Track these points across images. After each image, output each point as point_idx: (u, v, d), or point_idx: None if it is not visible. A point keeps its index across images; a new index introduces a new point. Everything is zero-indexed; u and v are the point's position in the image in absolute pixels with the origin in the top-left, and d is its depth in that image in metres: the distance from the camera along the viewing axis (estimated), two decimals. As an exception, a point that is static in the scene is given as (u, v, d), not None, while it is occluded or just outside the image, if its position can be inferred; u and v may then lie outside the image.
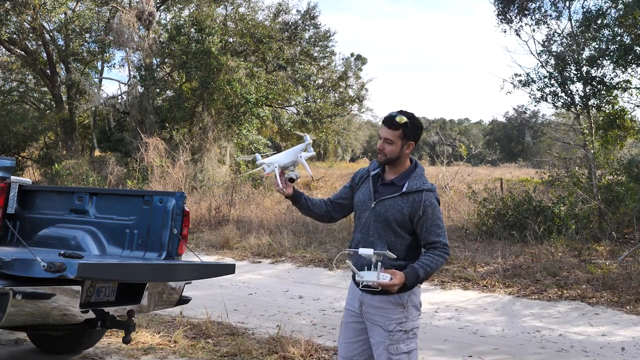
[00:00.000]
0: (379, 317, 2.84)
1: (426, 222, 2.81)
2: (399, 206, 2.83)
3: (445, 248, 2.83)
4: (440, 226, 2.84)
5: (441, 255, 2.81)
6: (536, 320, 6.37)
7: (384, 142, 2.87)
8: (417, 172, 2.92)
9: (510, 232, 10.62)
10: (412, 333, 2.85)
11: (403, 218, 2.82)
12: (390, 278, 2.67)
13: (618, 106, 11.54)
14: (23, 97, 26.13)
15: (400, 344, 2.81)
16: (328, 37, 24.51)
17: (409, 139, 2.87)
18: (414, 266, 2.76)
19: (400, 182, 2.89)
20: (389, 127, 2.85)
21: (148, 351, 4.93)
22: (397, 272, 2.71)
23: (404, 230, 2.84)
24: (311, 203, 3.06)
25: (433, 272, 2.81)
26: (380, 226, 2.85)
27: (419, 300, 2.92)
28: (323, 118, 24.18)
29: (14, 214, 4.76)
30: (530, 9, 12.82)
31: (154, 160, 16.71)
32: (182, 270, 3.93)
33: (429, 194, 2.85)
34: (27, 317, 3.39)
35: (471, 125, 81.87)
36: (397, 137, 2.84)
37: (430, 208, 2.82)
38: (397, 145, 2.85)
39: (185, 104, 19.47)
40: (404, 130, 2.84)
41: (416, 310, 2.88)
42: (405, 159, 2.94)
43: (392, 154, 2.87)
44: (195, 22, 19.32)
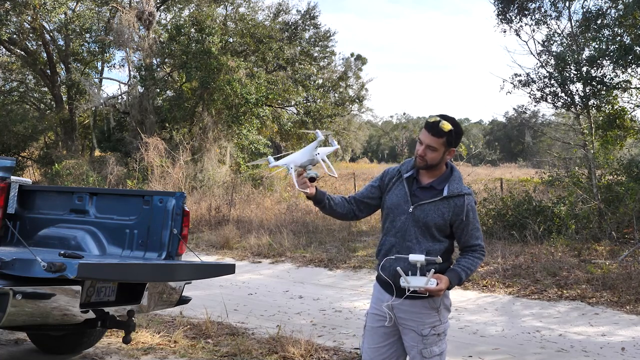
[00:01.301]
0: (412, 321, 2.82)
1: (467, 226, 2.81)
2: (440, 211, 2.79)
3: (483, 250, 2.86)
4: (479, 229, 2.87)
5: (479, 257, 2.85)
6: (536, 320, 6.37)
7: (426, 149, 2.78)
8: (454, 175, 2.88)
9: (510, 232, 10.63)
10: (444, 334, 2.86)
11: (444, 223, 2.80)
12: (437, 283, 2.66)
13: (618, 106, 11.54)
14: (23, 97, 26.13)
15: (434, 347, 2.81)
16: (328, 37, 24.54)
17: (452, 146, 2.81)
18: (456, 269, 2.78)
19: (439, 185, 2.84)
20: (433, 134, 2.75)
21: (148, 351, 4.93)
22: (443, 276, 2.71)
23: (442, 234, 2.83)
24: (333, 202, 2.97)
25: (472, 273, 2.85)
26: (419, 231, 2.81)
27: (450, 301, 2.93)
28: (323, 118, 24.18)
29: (14, 214, 4.76)
30: (530, 9, 12.81)
31: (154, 160, 16.71)
32: (182, 270, 3.93)
33: (469, 197, 2.83)
34: (27, 317, 3.39)
35: (471, 125, 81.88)
36: (441, 144, 2.76)
37: (472, 212, 2.82)
38: (440, 152, 2.78)
39: (185, 104, 19.47)
40: (448, 138, 2.76)
41: (447, 312, 2.89)
42: (443, 165, 2.88)
43: (433, 161, 2.80)
44: (195, 22, 19.33)
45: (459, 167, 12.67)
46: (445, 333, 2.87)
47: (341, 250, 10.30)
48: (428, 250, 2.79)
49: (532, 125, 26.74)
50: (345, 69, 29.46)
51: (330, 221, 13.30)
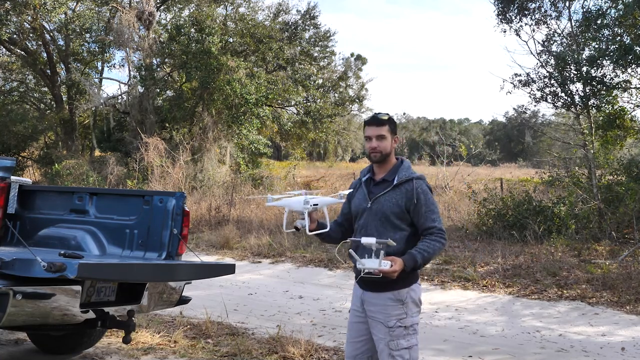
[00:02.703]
0: (380, 314, 2.91)
1: (421, 209, 2.90)
2: (394, 199, 2.93)
3: (441, 233, 2.89)
4: (435, 211, 2.93)
5: (438, 240, 2.87)
6: (536, 320, 6.37)
7: (376, 140, 2.98)
8: (404, 165, 3.05)
9: (510, 232, 10.63)
10: (412, 329, 2.91)
11: (400, 210, 2.92)
12: (390, 265, 2.73)
13: (618, 106, 11.54)
14: (23, 97, 26.14)
15: (401, 340, 2.87)
16: (328, 37, 24.54)
17: (394, 133, 3.04)
18: (412, 252, 2.83)
19: (391, 177, 3.00)
20: (377, 125, 2.99)
21: (148, 351, 4.93)
22: (397, 258, 2.77)
23: (403, 222, 2.93)
24: (332, 232, 3.14)
25: (431, 256, 2.87)
26: (378, 223, 2.94)
27: (419, 297, 2.98)
28: (323, 118, 24.19)
29: (14, 214, 4.75)
30: (530, 9, 12.81)
31: (154, 160, 16.72)
32: (182, 270, 3.93)
33: (419, 181, 2.95)
34: (27, 317, 3.39)
35: (471, 125, 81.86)
36: (387, 131, 2.99)
37: (423, 195, 2.92)
38: (388, 139, 2.99)
39: (185, 104, 19.48)
40: (390, 125, 3.01)
41: (416, 307, 2.94)
42: (392, 156, 3.07)
43: (385, 149, 2.99)
44: (195, 22, 19.33)
45: (458, 167, 12.64)
46: (415, 328, 2.92)
47: (341, 251, 10.29)
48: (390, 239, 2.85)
49: (532, 125, 26.75)
50: (345, 69, 29.46)
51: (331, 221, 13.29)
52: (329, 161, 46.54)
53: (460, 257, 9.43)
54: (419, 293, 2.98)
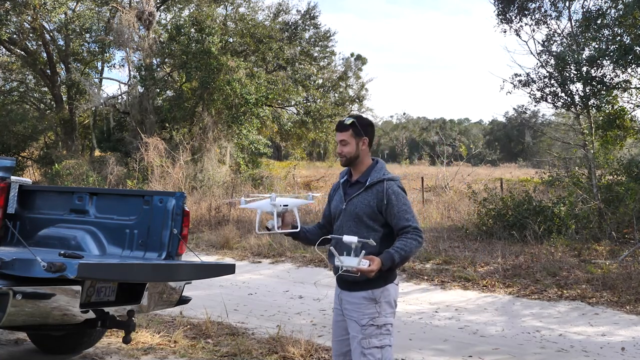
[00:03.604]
0: (354, 312, 2.96)
1: (393, 209, 2.94)
2: (366, 200, 2.99)
3: (417, 231, 2.91)
4: (408, 211, 2.95)
5: (414, 239, 2.89)
6: (536, 320, 6.37)
7: (340, 145, 3.08)
8: (377, 167, 3.09)
9: (510, 232, 10.62)
10: (385, 329, 2.93)
11: (372, 210, 2.97)
12: (368, 264, 2.77)
13: (618, 106, 11.54)
14: (23, 97, 26.14)
15: (372, 339, 2.90)
16: (328, 37, 24.54)
17: (361, 136, 3.06)
18: (389, 251, 2.86)
19: (364, 178, 3.06)
20: (340, 130, 3.09)
21: (148, 351, 4.93)
22: (375, 257, 2.81)
23: (376, 223, 2.98)
24: (310, 234, 3.24)
25: (408, 255, 2.88)
26: (352, 224, 3.00)
27: (394, 298, 3.00)
28: (323, 118, 24.20)
29: (14, 214, 4.75)
30: (530, 9, 12.81)
31: (154, 160, 16.72)
32: (182, 270, 3.93)
33: (389, 182, 2.99)
34: (27, 317, 3.38)
35: (471, 125, 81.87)
36: (350, 136, 3.05)
37: (394, 195, 2.95)
38: (352, 144, 3.05)
39: (185, 104, 19.47)
40: (353, 129, 3.05)
41: (390, 307, 2.97)
42: (365, 157, 3.11)
43: (350, 154, 3.06)
44: (195, 22, 19.33)
45: (458, 167, 12.67)
46: (388, 329, 2.94)
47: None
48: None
49: (532, 125, 26.76)
50: (345, 69, 29.48)
51: (330, 221, 13.30)
52: (329, 161, 46.47)
53: (460, 257, 9.43)
54: (395, 294, 3.01)
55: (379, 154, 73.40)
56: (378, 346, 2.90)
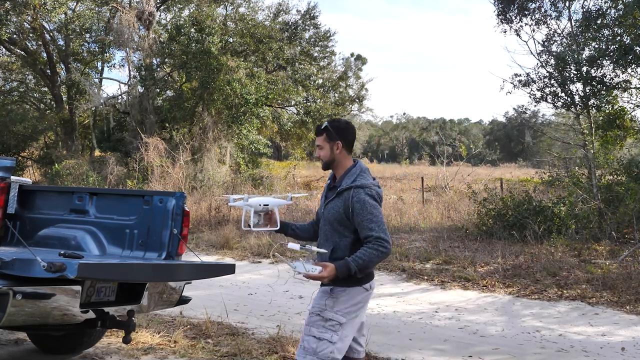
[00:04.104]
0: (313, 303, 3.08)
1: (357, 218, 2.94)
2: (337, 206, 3.02)
3: (379, 241, 2.89)
4: (373, 220, 2.92)
5: (375, 248, 2.87)
6: (536, 320, 6.37)
7: (317, 149, 3.16)
8: (353, 171, 3.08)
9: (510, 232, 10.62)
10: (330, 324, 2.95)
11: (341, 217, 2.99)
12: (319, 270, 2.82)
13: (618, 106, 11.54)
14: (23, 97, 26.13)
15: (313, 328, 2.96)
16: (328, 37, 24.54)
17: (334, 140, 3.09)
18: (347, 259, 2.87)
19: (339, 183, 3.09)
20: (316, 134, 3.16)
21: (148, 351, 4.93)
22: (329, 264, 2.85)
23: (346, 229, 3.00)
24: (299, 230, 3.36)
25: (368, 264, 2.89)
26: (327, 228, 3.07)
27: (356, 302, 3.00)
28: (323, 118, 24.17)
29: (14, 214, 4.75)
30: (530, 9, 12.81)
31: (154, 160, 16.71)
32: (182, 270, 3.93)
33: (357, 190, 2.97)
34: (27, 317, 3.38)
35: (471, 125, 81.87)
36: (324, 140, 3.11)
37: (359, 204, 2.94)
38: (327, 148, 3.10)
39: (185, 104, 19.47)
40: (327, 133, 3.10)
41: (345, 306, 2.97)
42: (344, 161, 3.12)
43: (325, 157, 3.12)
44: (195, 22, 19.33)
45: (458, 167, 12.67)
46: (333, 325, 2.94)
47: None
48: (334, 245, 3.01)
49: (532, 125, 26.77)
50: (345, 69, 29.48)
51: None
52: (329, 161, 46.42)
53: (460, 257, 9.43)
54: (358, 298, 3.00)
55: (379, 154, 73.44)
56: (316, 336, 2.94)
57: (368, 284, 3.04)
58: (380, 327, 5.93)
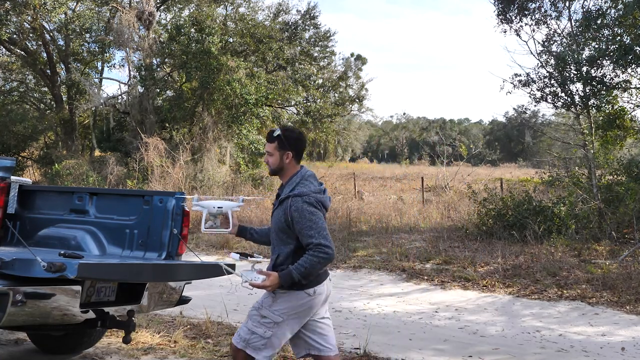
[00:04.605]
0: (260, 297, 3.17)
1: (297, 226, 2.99)
2: (279, 215, 3.08)
3: (319, 247, 2.94)
4: (313, 227, 2.97)
5: (316, 255, 2.94)
6: (536, 320, 6.37)
7: (266, 155, 3.19)
8: (293, 179, 3.13)
9: (510, 232, 10.62)
10: (266, 321, 3.08)
11: (283, 225, 3.05)
12: (263, 279, 2.97)
13: (618, 106, 11.55)
14: (23, 97, 26.12)
15: (250, 320, 3.11)
16: (328, 37, 24.52)
17: (285, 149, 3.12)
18: (290, 268, 2.97)
19: (282, 192, 3.16)
20: (267, 141, 3.18)
21: (148, 351, 4.92)
22: (272, 273, 2.99)
23: (289, 237, 3.06)
24: (257, 235, 3.44)
25: (310, 271, 2.96)
26: (274, 236, 3.16)
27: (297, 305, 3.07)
28: (323, 118, 24.20)
29: (14, 214, 4.75)
30: (530, 9, 12.81)
31: (154, 160, 16.72)
32: (182, 270, 3.93)
33: (295, 199, 3.01)
34: (27, 317, 3.38)
35: (471, 125, 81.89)
36: (274, 148, 3.13)
37: (297, 213, 2.98)
38: (276, 156, 3.14)
39: (185, 104, 19.47)
40: (279, 142, 3.12)
41: (284, 308, 3.07)
42: (291, 169, 3.16)
43: (273, 165, 3.17)
44: (195, 22, 19.32)
45: (458, 167, 12.65)
46: (268, 322, 3.07)
47: (341, 250, 10.30)
48: (279, 252, 3.10)
49: (532, 125, 26.77)
50: (345, 69, 29.44)
51: (330, 221, 13.30)
52: (329, 161, 46.53)
53: (460, 257, 9.43)
54: (299, 303, 3.06)
55: (379, 154, 73.48)
56: (250, 329, 3.08)
57: (312, 289, 3.07)
58: (380, 327, 5.93)
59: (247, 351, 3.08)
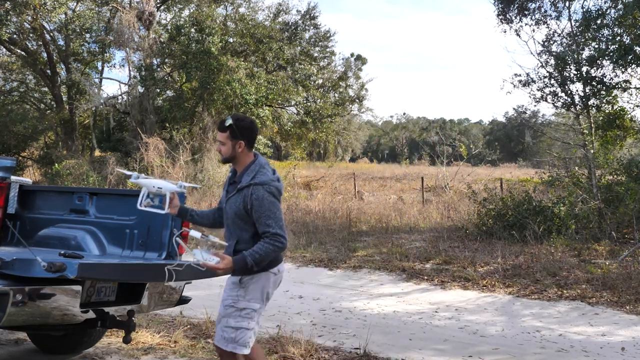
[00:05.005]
0: (224, 294, 3.18)
1: (255, 214, 3.07)
2: (237, 202, 3.14)
3: (275, 237, 3.04)
4: (271, 216, 3.06)
5: (270, 244, 3.03)
6: (536, 320, 6.37)
7: (218, 144, 3.25)
8: (252, 167, 3.20)
9: (510, 232, 10.62)
10: (246, 312, 3.11)
11: (241, 212, 3.12)
12: (216, 261, 2.95)
13: (618, 106, 11.55)
14: (23, 97, 26.11)
15: (230, 319, 3.10)
16: (328, 37, 24.52)
17: (237, 139, 3.18)
18: (244, 253, 3.03)
19: (239, 179, 3.21)
20: (219, 130, 3.22)
21: (148, 351, 4.93)
22: (226, 257, 3.01)
23: (247, 223, 3.13)
24: (198, 217, 3.47)
25: (264, 259, 3.04)
26: (230, 222, 3.20)
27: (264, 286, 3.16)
28: (323, 118, 24.18)
29: (14, 214, 4.75)
30: (530, 9, 12.82)
31: (154, 160, 16.72)
32: (182, 270, 3.93)
33: (256, 187, 3.09)
34: (27, 317, 3.38)
35: (471, 125, 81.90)
36: (226, 137, 3.18)
37: (257, 201, 3.06)
38: (228, 145, 3.19)
39: (185, 104, 19.47)
40: (231, 132, 3.17)
41: (256, 293, 3.13)
42: (245, 157, 3.23)
43: (226, 154, 3.22)
44: (195, 22, 19.33)
45: (458, 167, 12.66)
46: (249, 313, 3.11)
47: (341, 250, 10.30)
48: (238, 238, 3.14)
49: (532, 125, 26.75)
50: (345, 69, 29.48)
51: (330, 221, 13.31)
52: (329, 161, 46.53)
53: (460, 257, 9.43)
54: (267, 284, 3.16)
55: (379, 154, 73.46)
56: (233, 326, 3.08)
57: (276, 268, 3.19)
58: (380, 327, 5.93)
59: (236, 350, 3.10)
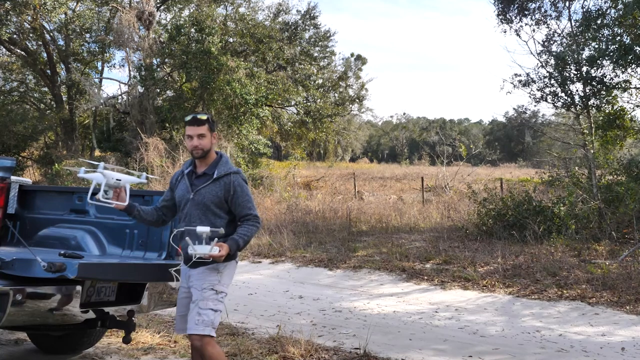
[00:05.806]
0: (198, 281, 3.32)
1: (238, 199, 3.36)
2: (214, 191, 3.35)
3: (256, 219, 3.39)
4: (250, 201, 3.40)
5: (254, 225, 3.37)
6: (536, 320, 6.37)
7: (198, 139, 3.37)
8: (222, 160, 3.46)
9: (510, 232, 10.62)
10: (221, 296, 3.33)
11: (219, 200, 3.35)
12: (219, 250, 3.15)
13: (618, 106, 11.55)
14: (23, 97, 26.12)
15: (209, 301, 3.27)
16: (328, 37, 24.54)
17: (213, 131, 3.45)
18: (234, 237, 3.29)
19: (211, 171, 3.41)
20: (197, 125, 3.38)
21: (148, 351, 4.93)
22: (224, 244, 3.21)
23: (222, 210, 3.37)
24: (143, 213, 3.57)
25: (249, 239, 3.36)
26: (200, 212, 3.35)
27: (233, 272, 3.46)
28: (323, 118, 24.20)
29: (14, 214, 4.75)
30: (530, 9, 12.83)
31: (154, 160, 16.71)
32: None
33: (235, 175, 3.40)
34: (27, 317, 3.38)
35: (471, 125, 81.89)
36: (206, 130, 3.39)
37: (240, 187, 3.37)
38: (208, 137, 3.40)
39: (185, 104, 19.46)
40: (209, 124, 3.41)
41: (229, 279, 3.41)
42: (213, 152, 3.46)
43: (207, 146, 3.39)
44: (195, 22, 19.32)
45: (458, 167, 12.69)
46: (222, 297, 3.34)
47: (341, 250, 10.30)
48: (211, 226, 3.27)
49: (532, 125, 26.76)
50: (345, 69, 29.47)
51: (331, 221, 13.30)
52: (329, 161, 46.53)
53: (460, 257, 9.43)
54: (234, 270, 3.46)
55: (379, 154, 73.44)
56: (213, 309, 3.26)
57: (238, 257, 3.48)
58: (380, 327, 5.93)
59: (213, 334, 3.24)
